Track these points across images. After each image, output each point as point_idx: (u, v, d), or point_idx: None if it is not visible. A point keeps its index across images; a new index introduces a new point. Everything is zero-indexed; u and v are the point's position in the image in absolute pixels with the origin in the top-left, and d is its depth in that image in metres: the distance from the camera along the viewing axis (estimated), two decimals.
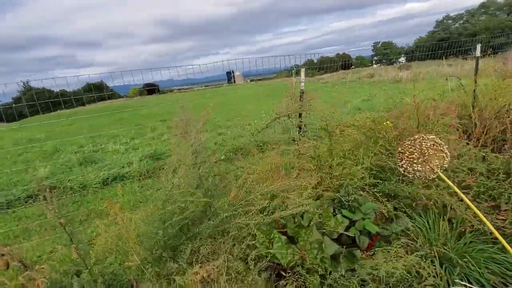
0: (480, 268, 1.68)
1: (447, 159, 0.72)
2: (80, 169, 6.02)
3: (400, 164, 0.76)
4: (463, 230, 1.94)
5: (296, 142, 2.11)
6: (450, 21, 44.15)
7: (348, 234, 1.56)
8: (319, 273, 1.28)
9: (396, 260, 1.38)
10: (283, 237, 1.52)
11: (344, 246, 1.60)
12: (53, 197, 1.79)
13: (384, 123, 2.18)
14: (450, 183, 0.72)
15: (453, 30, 40.34)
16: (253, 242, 1.41)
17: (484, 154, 2.33)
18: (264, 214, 1.41)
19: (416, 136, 0.75)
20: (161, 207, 1.33)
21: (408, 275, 1.43)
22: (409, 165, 0.74)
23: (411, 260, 1.38)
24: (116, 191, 4.53)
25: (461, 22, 42.20)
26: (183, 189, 1.48)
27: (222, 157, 1.66)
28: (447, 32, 40.57)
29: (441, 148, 0.72)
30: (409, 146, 0.74)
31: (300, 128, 2.19)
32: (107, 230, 1.91)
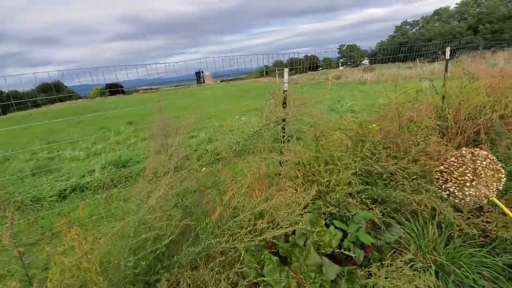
0: (473, 274, 1.65)
1: (503, 180, 0.59)
2: (33, 180, 5.36)
3: (444, 186, 0.63)
4: (451, 234, 1.92)
5: (280, 147, 1.95)
6: (408, 27, 47.21)
7: (345, 252, 1.42)
8: None
9: (399, 278, 1.27)
10: (275, 258, 1.35)
11: (341, 263, 1.46)
12: (12, 218, 1.46)
13: (370, 127, 2.10)
14: (506, 210, 0.59)
15: (411, 35, 43.19)
16: (242, 268, 1.21)
17: None
18: (254, 234, 1.22)
19: (463, 151, 0.61)
20: (132, 235, 1.09)
21: None
22: (458, 188, 0.60)
23: (413, 276, 1.28)
24: (75, 204, 4.05)
25: (418, 28, 45.33)
26: (159, 211, 1.24)
27: (202, 170, 1.45)
28: (406, 36, 43.34)
29: (498, 167, 0.59)
30: (457, 165, 0.60)
31: (284, 133, 2.03)
32: (63, 259, 1.60)
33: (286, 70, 2.03)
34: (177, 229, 1.20)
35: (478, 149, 0.62)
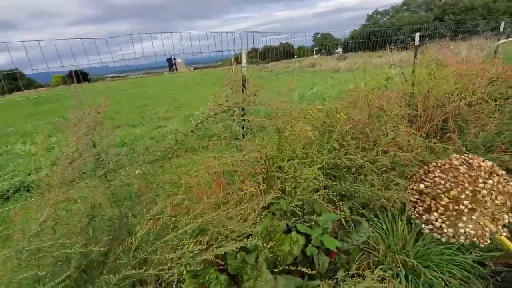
0: (443, 274, 1.55)
1: None
2: None
3: (424, 218, 0.42)
4: (421, 230, 1.81)
5: (238, 143, 1.71)
6: (379, 16, 48.22)
7: (303, 270, 1.23)
8: None
9: None
10: (223, 277, 1.13)
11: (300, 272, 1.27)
12: None
13: (338, 115, 1.91)
14: None
15: (382, 24, 44.20)
16: None
17: (432, 145, 2.25)
18: (193, 253, 0.99)
19: (455, 161, 0.40)
20: (16, 269, 0.81)
21: None
22: (447, 223, 0.40)
23: None
24: (19, 206, 3.57)
25: (388, 17, 46.43)
26: (70, 228, 0.97)
27: (136, 172, 1.19)
28: (377, 25, 44.24)
29: (510, 188, 0.39)
30: (446, 184, 0.39)
31: (243, 127, 1.79)
32: None
33: (244, 52, 1.77)
34: (92, 253, 0.93)
35: (478, 158, 0.41)
